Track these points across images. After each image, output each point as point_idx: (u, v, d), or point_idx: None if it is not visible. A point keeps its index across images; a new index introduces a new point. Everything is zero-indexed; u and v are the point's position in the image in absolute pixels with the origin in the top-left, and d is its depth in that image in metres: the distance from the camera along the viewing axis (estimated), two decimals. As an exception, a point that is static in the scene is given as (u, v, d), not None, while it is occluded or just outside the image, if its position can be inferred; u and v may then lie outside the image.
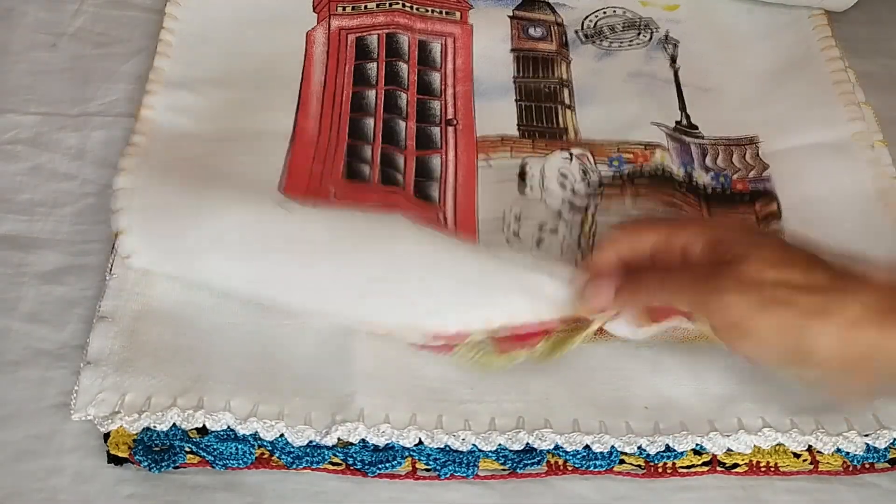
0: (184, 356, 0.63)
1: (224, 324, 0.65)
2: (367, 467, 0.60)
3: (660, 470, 0.62)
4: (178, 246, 0.64)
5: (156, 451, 0.60)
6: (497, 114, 0.79)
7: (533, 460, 0.61)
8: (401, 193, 0.71)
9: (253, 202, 0.65)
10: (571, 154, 0.75)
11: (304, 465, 0.60)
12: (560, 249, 0.70)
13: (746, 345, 0.54)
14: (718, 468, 0.62)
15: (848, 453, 0.61)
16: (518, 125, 0.78)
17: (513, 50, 0.83)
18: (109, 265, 0.66)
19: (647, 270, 0.58)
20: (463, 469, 0.61)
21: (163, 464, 0.60)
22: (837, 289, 0.53)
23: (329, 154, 0.74)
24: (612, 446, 0.60)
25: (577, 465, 0.61)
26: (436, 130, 0.77)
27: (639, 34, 0.85)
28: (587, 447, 0.61)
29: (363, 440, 0.60)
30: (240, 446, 0.60)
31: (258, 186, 0.71)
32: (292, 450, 0.60)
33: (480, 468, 0.61)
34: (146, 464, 0.60)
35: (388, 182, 0.73)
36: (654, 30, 0.85)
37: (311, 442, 0.60)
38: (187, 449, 0.60)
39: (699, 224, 0.62)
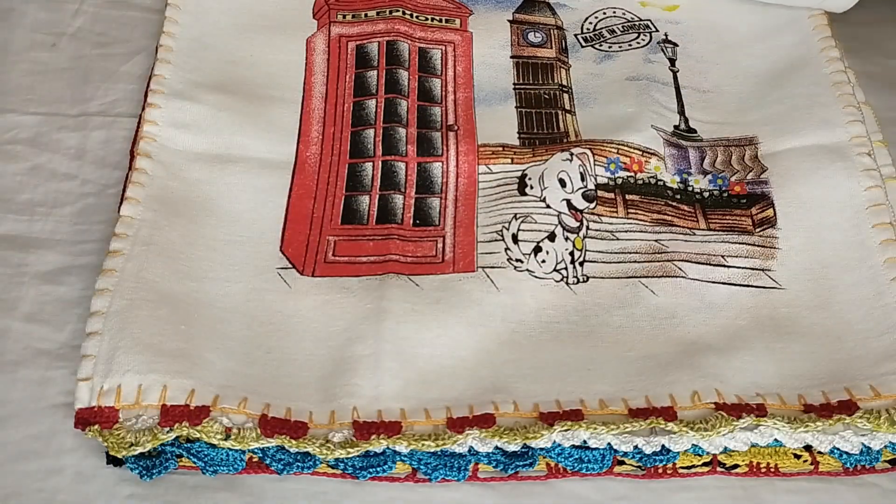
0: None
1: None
2: (357, 472, 0.60)
3: (660, 471, 0.62)
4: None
5: (147, 457, 0.60)
6: (497, 119, 0.79)
7: (525, 462, 0.61)
8: (395, 234, 0.71)
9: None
10: (572, 154, 0.75)
11: (294, 470, 0.60)
12: (554, 262, 0.70)
13: None
14: (719, 469, 0.62)
15: (842, 455, 0.62)
16: (518, 133, 0.78)
17: (512, 57, 0.83)
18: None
19: None
20: (454, 473, 0.61)
21: (154, 470, 0.60)
22: None
23: (329, 191, 0.74)
24: (608, 443, 0.60)
25: (568, 468, 0.61)
26: (436, 135, 0.77)
27: (638, 36, 0.85)
28: (579, 448, 0.60)
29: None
30: (230, 452, 0.60)
31: (259, 246, 0.70)
32: (283, 456, 0.60)
33: (480, 470, 0.61)
34: (137, 470, 0.59)
35: (386, 215, 0.72)
36: (654, 31, 0.85)
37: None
38: (178, 454, 0.60)
39: None
